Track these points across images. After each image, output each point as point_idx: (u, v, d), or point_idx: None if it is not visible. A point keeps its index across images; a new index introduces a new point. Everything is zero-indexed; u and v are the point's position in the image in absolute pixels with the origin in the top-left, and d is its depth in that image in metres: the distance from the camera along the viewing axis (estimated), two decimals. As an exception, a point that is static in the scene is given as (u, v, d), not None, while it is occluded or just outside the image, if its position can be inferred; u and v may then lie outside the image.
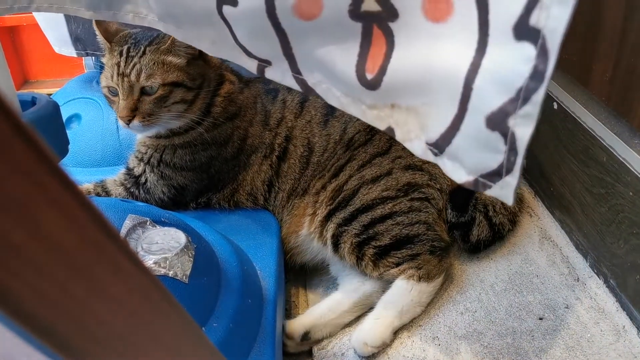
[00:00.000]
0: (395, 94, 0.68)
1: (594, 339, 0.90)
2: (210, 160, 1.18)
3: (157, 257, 0.82)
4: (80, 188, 0.27)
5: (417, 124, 0.68)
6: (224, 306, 0.88)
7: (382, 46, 0.66)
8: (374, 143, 1.15)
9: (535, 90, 0.52)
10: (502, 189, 0.61)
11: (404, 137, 0.70)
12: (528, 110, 0.54)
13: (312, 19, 0.68)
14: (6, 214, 0.24)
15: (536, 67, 0.52)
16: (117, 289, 0.32)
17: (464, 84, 0.59)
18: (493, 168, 0.60)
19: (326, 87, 0.75)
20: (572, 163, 1.05)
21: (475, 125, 0.59)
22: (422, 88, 0.65)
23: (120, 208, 0.91)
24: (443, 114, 0.64)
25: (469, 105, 0.60)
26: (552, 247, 1.09)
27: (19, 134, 0.25)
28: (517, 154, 0.57)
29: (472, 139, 0.61)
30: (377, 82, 0.67)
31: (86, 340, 0.31)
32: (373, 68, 0.67)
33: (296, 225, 1.15)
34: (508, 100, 0.55)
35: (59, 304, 0.27)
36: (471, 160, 0.63)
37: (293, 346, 1.02)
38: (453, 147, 0.64)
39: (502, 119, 0.56)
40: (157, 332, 0.39)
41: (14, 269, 0.25)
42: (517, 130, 0.55)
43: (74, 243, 0.27)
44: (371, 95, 0.69)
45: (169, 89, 1.08)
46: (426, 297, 1.00)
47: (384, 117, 0.71)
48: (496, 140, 0.58)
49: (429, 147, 0.68)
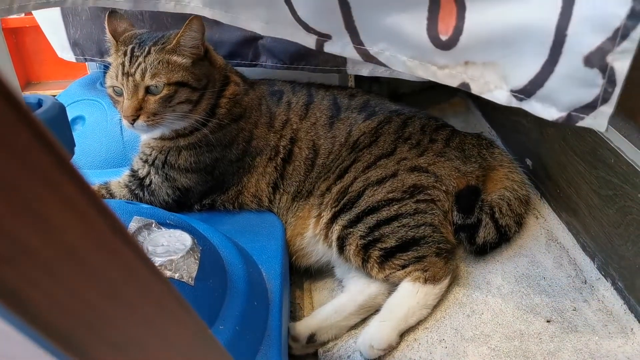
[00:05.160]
0: (471, 51, 0.74)
1: (602, 342, 0.89)
2: (214, 162, 1.17)
3: (163, 259, 0.82)
4: (95, 191, 0.27)
5: (497, 75, 0.74)
6: (229, 309, 0.88)
7: (452, 7, 0.71)
8: (379, 145, 1.14)
9: (634, 28, 0.59)
10: (595, 119, 0.67)
11: (482, 89, 0.76)
12: (626, 46, 0.60)
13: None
14: (21, 217, 0.24)
15: (634, 8, 0.58)
16: (131, 294, 0.31)
17: (555, 32, 0.66)
18: (588, 101, 0.67)
19: (390, 54, 0.80)
20: (580, 165, 1.05)
21: (573, 65, 0.66)
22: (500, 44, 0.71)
23: (126, 210, 0.91)
24: (529, 62, 0.70)
25: (563, 49, 0.66)
26: (559, 249, 1.09)
27: (36, 136, 0.24)
28: (615, 84, 0.64)
29: (569, 78, 0.67)
30: (453, 41, 0.74)
31: (100, 345, 0.30)
32: (447, 29, 0.73)
33: (301, 228, 1.15)
34: (606, 39, 0.61)
35: (73, 309, 0.27)
36: (566, 97, 0.69)
37: (299, 349, 1.01)
38: (546, 89, 0.70)
39: (601, 56, 0.62)
40: (169, 336, 0.38)
41: (29, 274, 0.25)
42: (616, 64, 0.62)
43: (88, 248, 0.27)
44: (444, 55, 0.75)
45: (174, 89, 1.07)
46: (432, 300, 0.99)
47: (455, 75, 0.77)
48: (594, 75, 0.64)
49: (513, 94, 0.74)
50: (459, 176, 1.10)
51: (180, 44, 1.07)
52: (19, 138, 0.24)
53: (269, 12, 0.83)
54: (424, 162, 1.11)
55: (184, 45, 1.07)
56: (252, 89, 1.23)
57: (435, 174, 1.10)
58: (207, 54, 1.13)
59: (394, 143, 1.14)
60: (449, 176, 1.10)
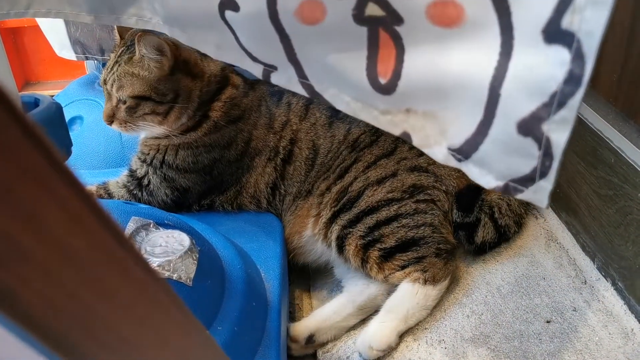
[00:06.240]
0: (411, 98, 0.66)
1: (602, 342, 0.89)
2: (213, 163, 1.17)
3: (161, 260, 0.81)
4: (90, 192, 0.26)
5: (437, 129, 0.66)
6: (228, 309, 0.87)
7: (392, 50, 0.64)
8: (379, 144, 1.14)
9: (572, 95, 0.51)
10: (535, 193, 0.59)
11: (422, 143, 0.69)
12: (564, 115, 0.52)
13: (315, 24, 0.66)
14: (15, 218, 0.24)
15: (572, 72, 0.50)
16: (126, 295, 0.31)
17: (489, 89, 0.58)
18: (526, 173, 0.59)
19: (334, 92, 0.73)
20: (579, 165, 1.04)
21: (506, 130, 0.58)
22: (439, 93, 0.63)
23: (124, 210, 0.91)
24: (466, 119, 0.62)
25: (497, 111, 0.58)
26: (558, 250, 1.09)
27: (28, 136, 0.24)
28: (552, 158, 0.55)
29: (502, 145, 0.59)
30: (391, 86, 0.66)
31: (94, 346, 0.30)
32: (386, 72, 0.66)
33: (299, 226, 1.15)
34: (541, 105, 0.53)
35: (67, 310, 0.27)
36: (501, 165, 0.61)
37: (297, 349, 1.01)
38: (480, 152, 0.62)
39: (535, 124, 0.54)
40: (165, 337, 0.38)
41: (23, 274, 0.25)
42: (553, 136, 0.54)
43: (83, 248, 0.27)
44: (385, 100, 0.68)
45: (135, 102, 1.10)
46: (432, 301, 0.99)
47: (398, 123, 0.69)
48: (529, 145, 0.56)
49: (451, 153, 0.66)
50: (459, 176, 1.10)
51: (144, 58, 1.08)
52: (12, 138, 0.23)
53: (219, 36, 0.78)
54: (423, 162, 1.10)
55: (149, 59, 1.08)
56: (252, 89, 1.23)
57: (435, 173, 1.10)
58: (187, 65, 1.13)
59: (394, 142, 1.14)
60: (448, 176, 1.10)
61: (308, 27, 0.67)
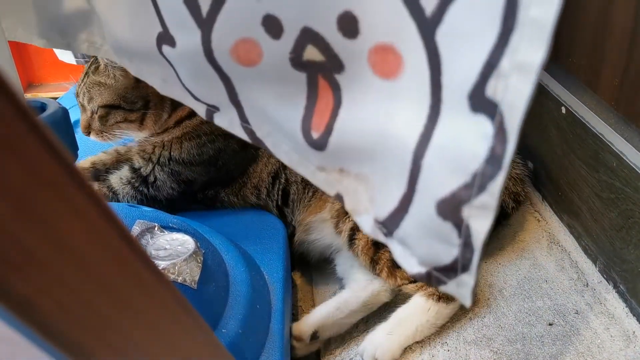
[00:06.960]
0: (343, 157, 0.59)
1: (604, 345, 0.89)
2: (218, 153, 1.18)
3: (166, 263, 0.82)
4: (104, 200, 0.27)
5: (367, 195, 0.59)
6: (232, 312, 0.88)
7: (329, 101, 0.58)
8: None
9: (492, 178, 0.43)
10: (458, 287, 0.51)
11: (354, 208, 0.61)
12: (484, 201, 0.44)
13: (252, 66, 0.61)
14: (31, 228, 0.24)
15: (493, 150, 0.42)
16: (138, 301, 0.31)
17: (412, 159, 0.50)
18: (447, 263, 0.51)
19: (274, 140, 0.67)
20: (581, 168, 1.05)
21: (426, 210, 0.50)
22: (371, 155, 0.56)
23: (128, 214, 0.91)
24: (391, 190, 0.54)
25: (417, 186, 0.51)
26: (560, 252, 1.09)
27: (44, 144, 0.24)
28: (473, 251, 0.47)
29: (423, 226, 0.51)
30: (323, 142, 0.59)
31: (108, 352, 0.30)
32: (319, 126, 0.59)
33: (317, 208, 1.13)
34: (462, 185, 0.45)
35: (83, 318, 0.27)
36: (422, 249, 0.54)
37: (302, 348, 1.01)
38: (402, 230, 0.54)
39: (455, 206, 0.47)
40: (174, 341, 0.38)
41: (39, 282, 0.25)
42: (473, 223, 0.46)
43: (98, 256, 0.27)
44: (318, 156, 0.61)
45: (105, 111, 1.11)
46: (442, 320, 0.95)
47: (332, 182, 0.62)
48: (449, 231, 0.48)
49: (377, 225, 0.58)
50: None
51: (108, 67, 1.09)
52: (29, 147, 0.24)
53: (163, 70, 0.73)
54: None
55: (109, 67, 1.09)
56: None
57: None
58: None
59: None
60: None
61: (245, 69, 0.62)
